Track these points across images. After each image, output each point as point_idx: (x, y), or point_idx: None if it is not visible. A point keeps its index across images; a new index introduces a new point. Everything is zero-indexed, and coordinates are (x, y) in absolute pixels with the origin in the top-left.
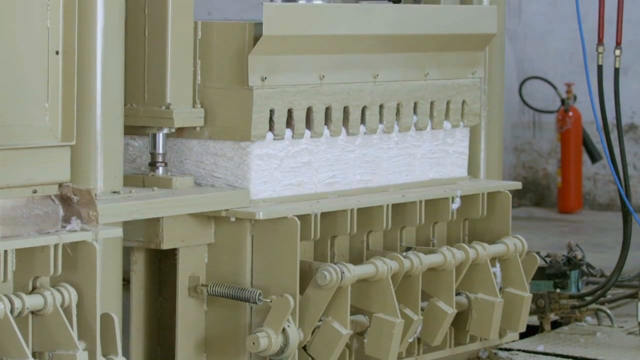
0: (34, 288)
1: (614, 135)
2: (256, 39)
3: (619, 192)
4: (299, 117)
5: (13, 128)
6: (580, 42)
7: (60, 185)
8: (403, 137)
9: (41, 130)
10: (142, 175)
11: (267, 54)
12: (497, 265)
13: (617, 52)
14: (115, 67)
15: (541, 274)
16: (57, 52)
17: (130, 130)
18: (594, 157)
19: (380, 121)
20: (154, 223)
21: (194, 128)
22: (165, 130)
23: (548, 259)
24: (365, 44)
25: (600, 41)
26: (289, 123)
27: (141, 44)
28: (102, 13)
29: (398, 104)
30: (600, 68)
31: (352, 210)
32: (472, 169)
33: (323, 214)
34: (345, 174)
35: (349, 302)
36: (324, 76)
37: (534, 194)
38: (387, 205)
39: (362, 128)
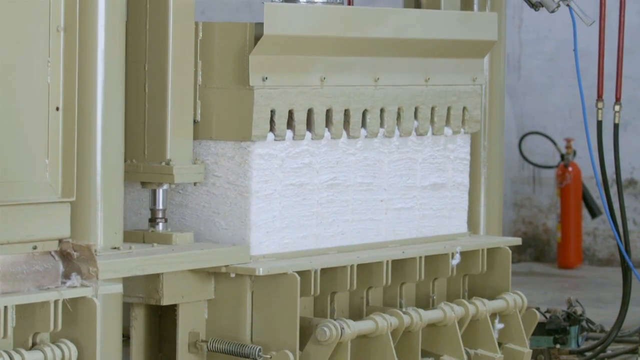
0: (33, 344)
1: (613, 191)
2: (257, 38)
3: (618, 248)
4: (300, 118)
5: (13, 184)
6: (580, 98)
7: (61, 241)
8: (404, 141)
9: (41, 186)
10: (142, 231)
11: (268, 54)
12: (498, 320)
13: (617, 107)
14: (116, 123)
15: (541, 329)
16: (57, 108)
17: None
18: (594, 213)
19: (381, 125)
20: (154, 279)
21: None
22: (165, 186)
23: (548, 315)
24: (367, 47)
25: (599, 97)
26: (290, 124)
27: (141, 100)
28: (102, 70)
29: (399, 109)
30: (599, 124)
31: (352, 266)
32: (472, 225)
33: (323, 270)
34: (346, 177)
35: (349, 358)
36: (324, 78)
37: (533, 249)
38: (387, 262)
39: (363, 131)
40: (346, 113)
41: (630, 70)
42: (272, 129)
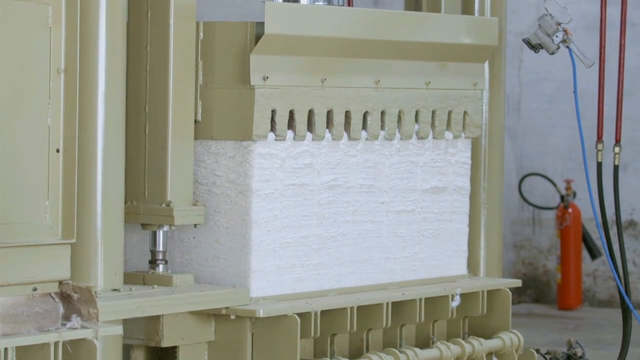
0: None
1: (613, 232)
2: (258, 38)
3: (618, 289)
4: (301, 118)
5: (13, 225)
6: (580, 139)
7: (61, 282)
8: (405, 144)
9: (41, 228)
10: (142, 273)
11: (268, 53)
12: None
13: (617, 149)
14: (116, 164)
15: None
16: (57, 150)
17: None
18: (594, 254)
19: (382, 128)
20: (154, 321)
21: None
22: (166, 228)
23: (548, 356)
24: (367, 49)
25: (599, 138)
26: (291, 125)
27: (142, 141)
28: (102, 112)
29: (400, 112)
30: (599, 165)
31: (352, 308)
32: (472, 267)
33: (323, 312)
34: (347, 178)
35: None
36: (325, 79)
37: (533, 291)
38: (387, 303)
39: (363, 133)
40: (347, 115)
41: (630, 112)
42: (272, 129)
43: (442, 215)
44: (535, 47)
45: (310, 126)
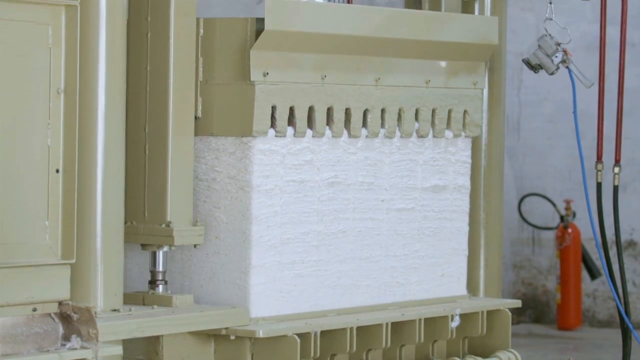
0: None
1: (613, 252)
2: (258, 34)
3: (618, 309)
4: (301, 115)
5: (13, 246)
6: (580, 160)
7: (60, 303)
8: (405, 142)
9: (41, 248)
10: (142, 294)
11: (269, 49)
12: None
13: (616, 169)
14: (116, 184)
15: None
16: (57, 170)
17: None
18: (594, 274)
19: (382, 125)
20: (154, 341)
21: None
22: (165, 248)
23: None
24: (368, 46)
25: (599, 159)
26: (291, 121)
27: (141, 161)
28: (102, 132)
29: (400, 110)
30: (599, 185)
31: (351, 328)
32: (472, 287)
33: (323, 332)
34: (347, 175)
35: None
36: (325, 76)
37: (533, 311)
38: (387, 324)
39: (363, 131)
40: (347, 112)
41: (630, 132)
42: (273, 125)
43: (443, 214)
44: (534, 68)
45: (310, 123)
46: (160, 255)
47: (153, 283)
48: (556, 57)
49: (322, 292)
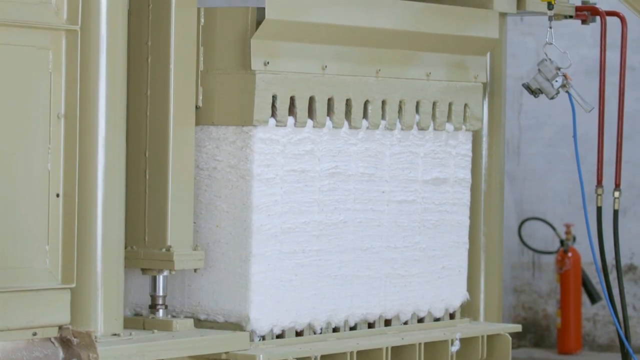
0: None
1: (613, 276)
2: (259, 23)
3: (618, 334)
4: (301, 105)
5: (13, 270)
6: (580, 184)
7: (61, 327)
8: (405, 135)
9: (41, 273)
10: (142, 318)
11: (269, 38)
12: None
13: (617, 194)
14: (116, 209)
15: None
16: (57, 195)
17: None
18: (594, 298)
19: (383, 117)
20: None
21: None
22: (166, 273)
23: None
24: (368, 37)
25: (599, 183)
26: (292, 111)
27: (142, 187)
28: (102, 156)
29: (400, 102)
30: (599, 209)
31: (351, 352)
32: (472, 311)
33: (323, 357)
34: (347, 166)
35: None
36: (326, 66)
37: (533, 335)
38: (387, 348)
39: (364, 122)
40: (347, 103)
41: (630, 156)
42: (273, 115)
43: (443, 207)
44: (534, 92)
45: (311, 113)
46: (160, 280)
47: (153, 307)
48: (556, 81)
49: (323, 282)
